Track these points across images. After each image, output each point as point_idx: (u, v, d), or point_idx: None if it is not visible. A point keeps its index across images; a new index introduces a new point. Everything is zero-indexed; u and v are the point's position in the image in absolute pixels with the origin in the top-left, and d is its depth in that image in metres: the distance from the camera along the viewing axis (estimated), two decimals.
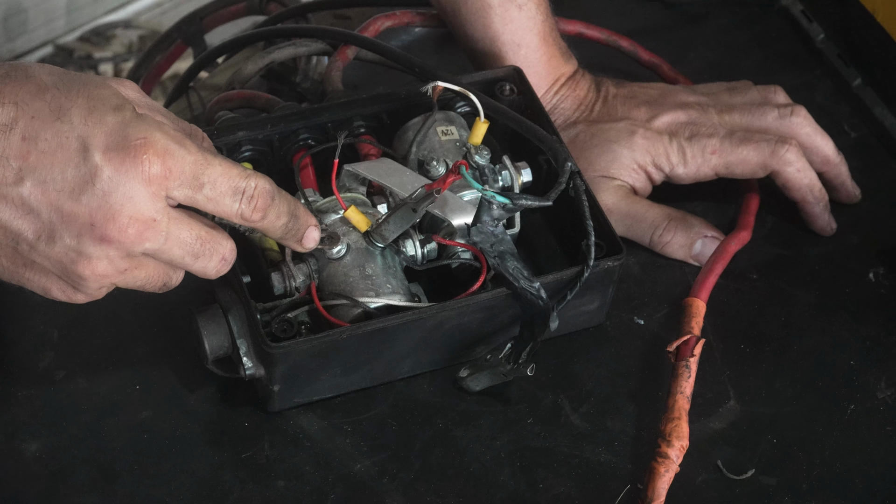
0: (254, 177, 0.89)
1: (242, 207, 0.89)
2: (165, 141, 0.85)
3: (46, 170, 0.84)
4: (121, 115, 0.85)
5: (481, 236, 0.99)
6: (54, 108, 0.84)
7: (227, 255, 0.91)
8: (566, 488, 0.99)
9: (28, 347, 1.04)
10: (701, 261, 1.12)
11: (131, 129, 0.85)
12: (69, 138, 0.84)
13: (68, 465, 0.98)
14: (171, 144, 0.85)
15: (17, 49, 2.23)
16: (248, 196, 0.89)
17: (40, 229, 0.85)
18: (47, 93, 0.85)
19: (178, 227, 0.87)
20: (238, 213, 0.89)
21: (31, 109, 0.84)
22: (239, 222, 0.90)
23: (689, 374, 1.02)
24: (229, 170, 0.88)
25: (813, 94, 1.27)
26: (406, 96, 1.09)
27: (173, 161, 0.85)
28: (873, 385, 1.06)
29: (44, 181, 0.84)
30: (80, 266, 0.86)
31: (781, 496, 0.99)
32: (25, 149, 0.84)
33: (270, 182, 0.90)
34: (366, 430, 1.01)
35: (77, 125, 0.84)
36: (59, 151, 0.84)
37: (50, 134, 0.84)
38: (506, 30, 1.15)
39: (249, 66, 1.18)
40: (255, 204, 0.89)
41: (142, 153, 0.84)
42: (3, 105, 0.84)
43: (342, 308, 0.99)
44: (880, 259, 1.14)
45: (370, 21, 1.20)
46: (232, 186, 0.88)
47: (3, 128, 0.84)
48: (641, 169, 1.13)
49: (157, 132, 0.85)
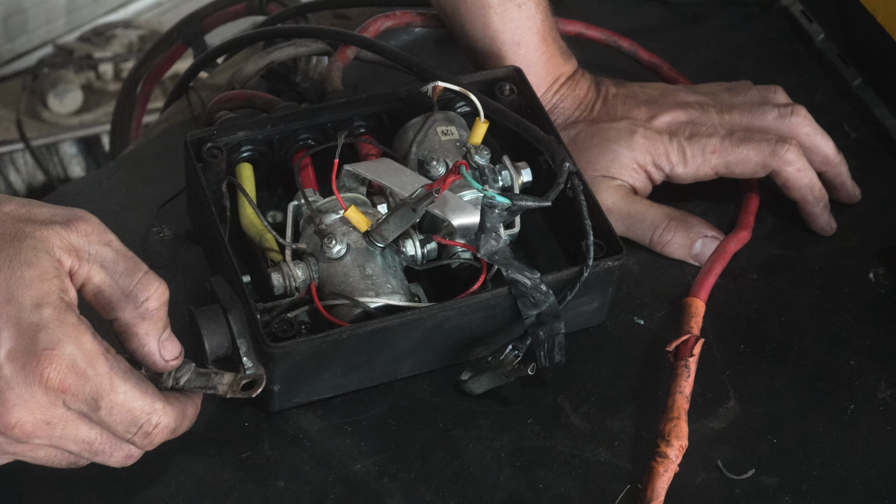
0: (158, 413, 0.87)
1: (134, 439, 0.88)
2: (74, 356, 0.83)
3: None
4: (38, 313, 0.82)
5: (490, 245, 0.99)
6: None
7: (135, 452, 0.89)
8: (566, 488, 0.99)
9: None
10: (701, 261, 1.12)
11: (43, 334, 0.82)
12: None
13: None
14: (79, 362, 0.83)
15: (17, 49, 2.23)
16: (145, 431, 0.88)
17: None
18: None
19: (76, 429, 0.86)
20: (127, 440, 0.88)
21: None
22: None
23: (689, 374, 1.02)
24: (132, 401, 0.86)
25: (813, 94, 1.27)
26: (406, 96, 1.09)
27: (75, 380, 0.83)
28: (873, 385, 1.06)
29: None
30: None
31: (781, 496, 0.99)
32: None
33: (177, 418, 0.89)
34: (366, 430, 1.01)
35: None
36: None
37: None
38: (505, 29, 1.15)
39: (249, 66, 1.18)
40: (150, 440, 0.88)
41: (44, 364, 0.82)
42: None
43: (342, 308, 0.99)
44: (880, 259, 1.14)
45: (370, 21, 1.20)
46: (130, 419, 0.86)
47: None
48: (641, 168, 1.13)
49: (70, 344, 0.83)
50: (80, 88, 2.14)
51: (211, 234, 1.02)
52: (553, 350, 1.00)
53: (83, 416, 0.86)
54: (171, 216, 1.08)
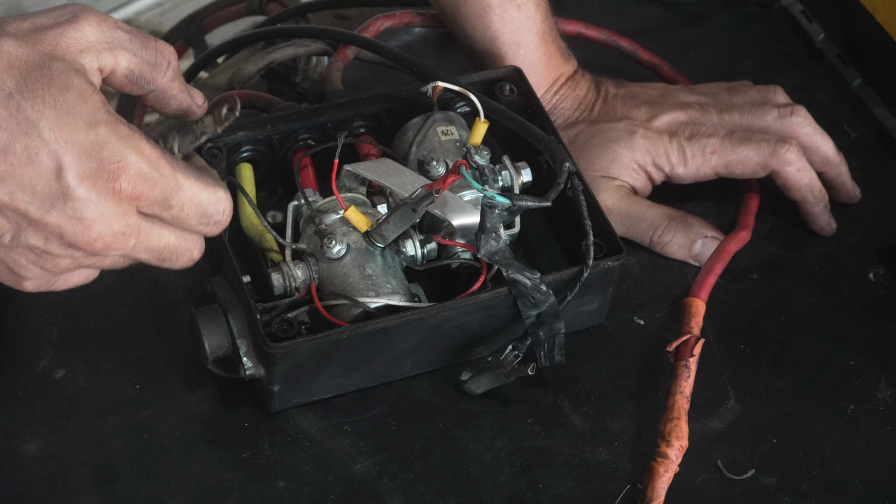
0: (223, 201, 0.89)
1: (204, 229, 0.90)
2: (139, 164, 0.84)
3: (15, 182, 0.83)
4: (94, 132, 0.83)
5: (490, 245, 0.99)
6: (21, 121, 0.82)
7: (196, 254, 0.91)
8: (566, 488, 0.99)
9: (28, 346, 1.04)
10: (701, 261, 1.12)
11: (106, 150, 0.84)
12: (40, 154, 0.82)
13: (68, 465, 0.98)
14: (145, 168, 0.85)
15: None
16: (215, 221, 0.89)
17: (4, 228, 0.84)
18: (11, 101, 0.82)
19: (148, 237, 0.87)
20: (200, 231, 0.90)
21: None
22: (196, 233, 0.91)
23: (689, 374, 1.02)
24: (199, 193, 0.88)
25: (813, 94, 1.27)
26: (406, 96, 1.09)
27: (146, 186, 0.85)
28: (873, 385, 1.06)
29: (12, 192, 0.83)
30: (43, 261, 0.86)
31: (781, 496, 0.99)
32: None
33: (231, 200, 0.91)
34: (366, 430, 1.01)
35: (48, 142, 0.82)
36: (29, 166, 0.83)
37: (19, 147, 0.82)
38: (505, 29, 1.15)
39: (249, 66, 1.18)
40: (220, 226, 0.90)
41: (116, 177, 0.84)
42: None
43: (342, 308, 0.99)
44: (880, 259, 1.14)
45: (370, 21, 1.20)
46: (200, 212, 0.88)
47: None
48: (641, 169, 1.13)
49: (133, 154, 0.84)
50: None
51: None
52: (553, 350, 1.00)
53: (156, 221, 0.87)
54: None
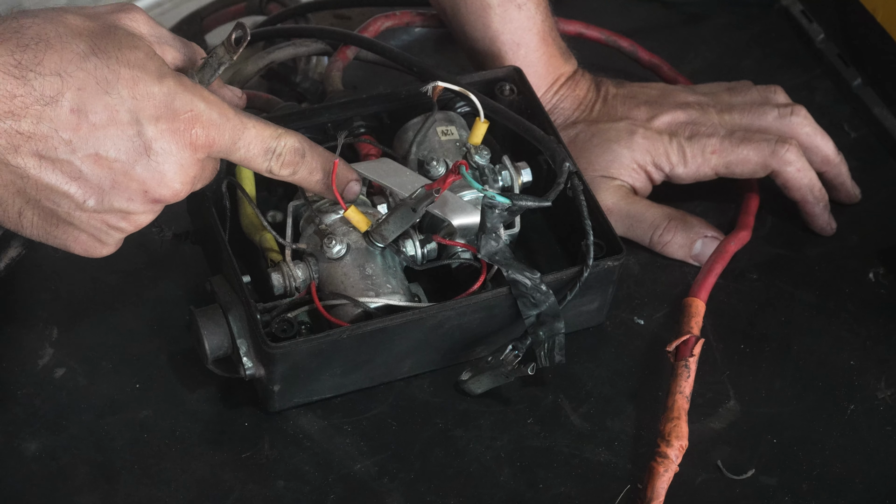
0: (284, 136, 0.94)
1: (272, 164, 0.94)
2: (209, 112, 0.89)
3: (99, 142, 0.86)
4: (165, 85, 0.87)
5: (490, 246, 0.99)
6: (100, 80, 0.86)
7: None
8: (566, 488, 0.99)
9: (28, 346, 1.04)
10: (701, 261, 1.12)
11: (178, 101, 0.88)
12: (119, 112, 0.86)
13: (68, 465, 0.98)
14: (214, 115, 0.89)
15: None
16: (278, 154, 0.94)
17: (89, 193, 0.87)
18: (87, 62, 0.86)
19: (207, 174, 0.93)
20: (268, 169, 0.94)
21: (76, 81, 0.85)
22: (270, 176, 0.95)
23: (689, 374, 1.02)
24: (262, 131, 0.93)
25: (813, 94, 1.27)
26: (406, 96, 1.09)
27: (217, 132, 0.90)
28: (873, 385, 1.06)
29: (96, 153, 0.86)
30: (123, 223, 0.90)
31: (781, 496, 0.99)
32: (75, 121, 0.85)
33: (302, 140, 0.95)
34: (366, 430, 1.01)
35: (126, 98, 0.86)
36: (110, 125, 0.86)
37: (100, 107, 0.85)
38: (505, 29, 1.15)
39: (249, 66, 1.18)
40: (283, 160, 0.94)
41: (191, 126, 0.88)
42: (46, 76, 0.85)
43: (342, 308, 0.99)
44: (880, 259, 1.14)
45: (370, 21, 1.20)
46: (263, 148, 0.93)
47: (50, 100, 0.85)
48: (641, 169, 1.13)
49: (201, 103, 0.89)
50: None
51: (211, 234, 1.02)
52: (553, 350, 1.00)
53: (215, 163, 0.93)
54: (171, 216, 1.08)
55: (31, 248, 1.07)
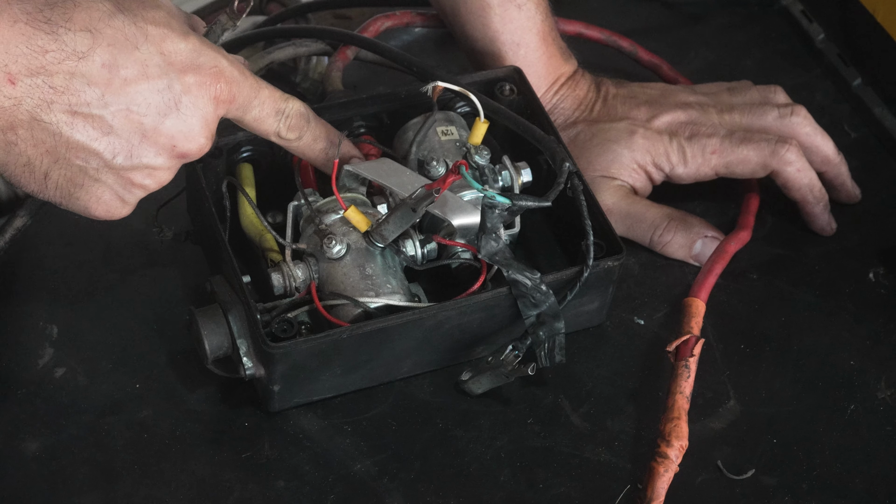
0: (291, 100, 0.97)
1: (280, 126, 0.97)
2: (231, 70, 0.92)
3: (130, 97, 0.87)
4: (189, 42, 0.90)
5: (490, 246, 0.99)
6: (130, 36, 0.87)
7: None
8: (566, 488, 0.99)
9: (28, 346, 1.04)
10: (701, 261, 1.12)
11: (203, 57, 0.90)
12: (150, 66, 0.88)
13: (68, 465, 0.98)
14: (235, 73, 0.92)
15: None
16: (287, 116, 0.97)
17: (118, 150, 0.88)
18: (115, 19, 0.87)
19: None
20: (276, 131, 0.97)
21: (106, 37, 0.86)
22: (277, 141, 0.98)
23: (689, 374, 1.02)
24: (273, 92, 0.96)
25: (813, 94, 1.27)
26: (406, 96, 1.09)
27: (237, 88, 0.92)
28: (873, 385, 1.06)
29: (128, 107, 0.87)
30: (148, 179, 0.91)
31: (781, 496, 0.99)
32: (107, 76, 0.86)
33: (307, 107, 0.98)
34: (366, 430, 1.01)
35: (155, 54, 0.88)
36: (141, 80, 0.87)
37: (130, 62, 0.87)
38: (505, 29, 1.15)
39: (249, 66, 1.17)
40: (290, 123, 0.97)
41: (216, 80, 0.90)
42: (77, 32, 0.85)
43: (342, 308, 0.99)
44: (880, 259, 1.14)
45: (370, 21, 1.20)
46: (274, 108, 0.96)
47: (82, 55, 0.85)
48: (641, 169, 1.13)
49: (223, 60, 0.91)
50: None
51: (211, 234, 1.02)
52: (553, 350, 1.00)
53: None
54: (171, 216, 1.08)
55: (36, 220, 1.06)
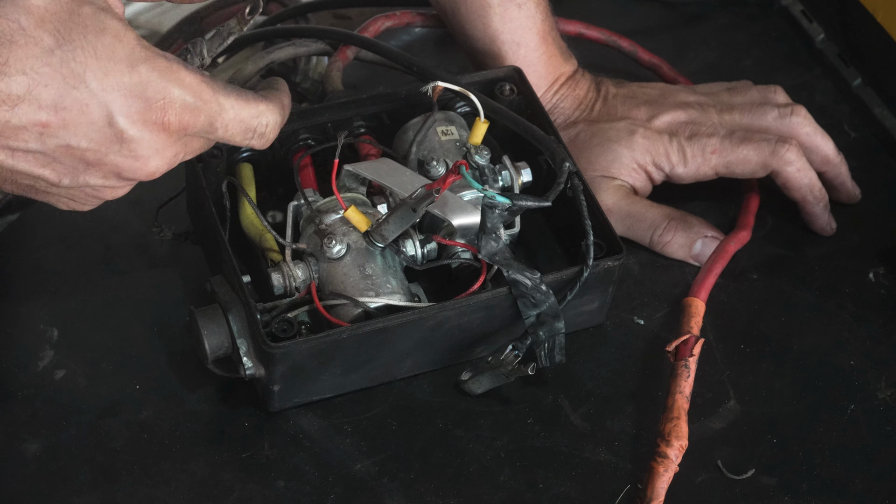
0: (265, 114, 0.92)
1: (251, 142, 0.92)
2: (183, 97, 0.87)
3: (70, 135, 0.85)
4: (136, 73, 0.85)
5: (490, 246, 0.99)
6: (67, 75, 0.84)
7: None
8: (566, 488, 0.99)
9: (28, 346, 1.04)
10: (701, 261, 1.12)
11: (150, 89, 0.86)
12: (90, 105, 0.85)
13: (68, 465, 0.98)
14: (189, 99, 0.87)
15: None
16: (260, 134, 0.92)
17: (63, 173, 0.87)
18: (53, 56, 0.84)
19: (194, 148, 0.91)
20: (246, 145, 0.93)
21: (42, 78, 0.83)
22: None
23: (689, 374, 1.02)
24: (241, 111, 0.90)
25: (813, 94, 1.27)
26: (406, 96, 1.09)
27: (191, 115, 0.88)
28: (873, 385, 1.06)
29: (68, 143, 0.85)
30: (102, 193, 0.90)
31: (781, 496, 0.99)
32: (45, 117, 0.84)
33: (281, 111, 0.94)
34: (366, 430, 1.01)
35: (96, 91, 0.84)
36: (81, 118, 0.85)
37: (69, 102, 0.84)
38: (505, 29, 1.15)
39: (249, 66, 1.18)
40: (265, 139, 0.93)
41: (164, 113, 0.86)
42: (12, 77, 0.83)
43: (342, 308, 0.99)
44: (880, 259, 1.14)
45: (370, 21, 1.20)
46: (243, 128, 0.91)
47: (18, 99, 0.83)
48: (641, 168, 1.13)
49: (175, 88, 0.87)
50: None
51: (211, 234, 1.02)
52: (553, 350, 1.00)
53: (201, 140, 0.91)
54: (171, 216, 1.08)
55: (36, 221, 1.06)
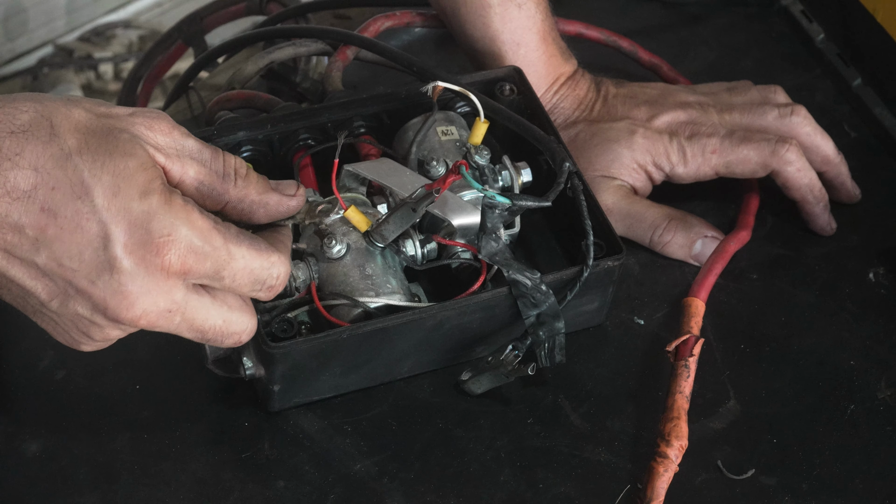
0: (276, 265, 0.88)
1: (259, 294, 0.89)
2: (190, 238, 0.83)
3: (63, 248, 0.81)
4: (147, 202, 0.82)
5: (490, 246, 0.99)
6: (76, 183, 0.81)
7: (245, 337, 0.90)
8: (566, 488, 0.99)
9: (28, 347, 1.04)
10: (701, 261, 1.12)
11: (156, 223, 0.82)
12: (90, 221, 0.81)
13: (68, 465, 0.98)
14: (195, 241, 0.83)
15: (17, 49, 2.23)
16: (269, 286, 0.88)
17: (53, 293, 0.83)
18: (69, 161, 0.81)
19: (193, 316, 0.86)
20: (253, 296, 0.89)
21: (51, 179, 0.81)
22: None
23: (689, 374, 1.02)
24: (252, 262, 0.87)
25: (813, 94, 1.27)
26: (406, 96, 1.09)
27: (195, 259, 0.84)
28: (873, 385, 1.06)
29: (59, 258, 0.82)
30: (91, 331, 0.85)
31: (781, 496, 0.99)
32: (44, 221, 0.81)
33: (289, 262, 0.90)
34: (366, 430, 1.01)
35: (99, 208, 0.81)
36: (77, 232, 0.81)
37: (70, 212, 0.81)
38: (505, 29, 1.15)
39: (249, 66, 1.18)
40: (273, 292, 0.89)
41: (164, 252, 0.82)
42: (22, 169, 0.81)
43: (342, 308, 0.99)
44: (880, 259, 1.14)
45: (370, 21, 1.20)
46: (251, 279, 0.87)
47: (22, 195, 0.81)
48: (641, 168, 1.13)
49: (183, 227, 0.83)
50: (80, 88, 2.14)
51: None
52: (553, 350, 1.00)
53: (205, 296, 0.86)
54: None
55: None
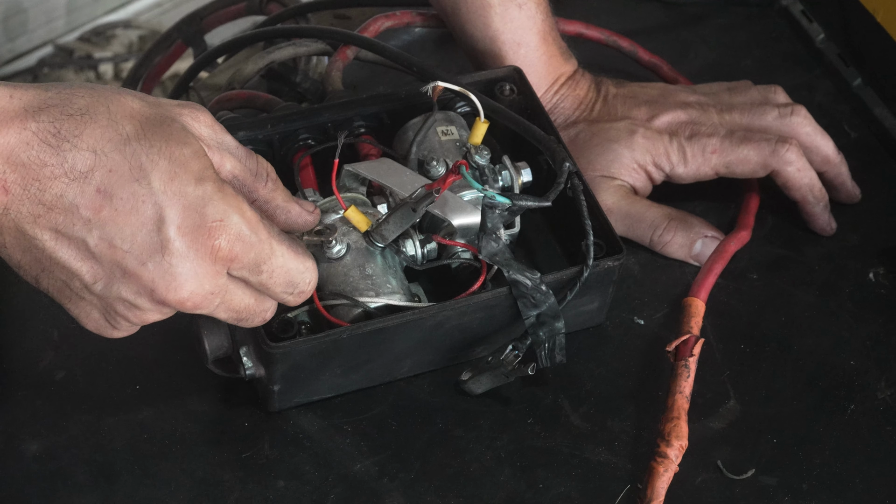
0: (310, 271, 0.91)
1: (289, 298, 0.91)
2: (240, 226, 0.85)
3: (116, 229, 0.83)
4: (202, 188, 0.84)
5: (490, 246, 0.99)
6: (134, 167, 0.82)
7: (268, 315, 0.92)
8: (566, 488, 0.99)
9: (28, 347, 1.04)
10: (701, 261, 1.12)
11: (210, 207, 0.84)
12: (145, 203, 0.83)
13: (68, 465, 0.98)
14: (245, 230, 0.85)
15: (17, 49, 2.23)
16: (300, 291, 0.91)
17: (98, 276, 0.84)
18: (128, 146, 0.83)
19: (231, 298, 0.88)
20: (282, 299, 0.91)
21: (109, 161, 0.82)
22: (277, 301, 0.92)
23: (689, 374, 1.02)
24: (289, 261, 0.89)
25: (813, 94, 1.27)
26: (406, 96, 1.09)
27: (242, 248, 0.86)
28: (873, 385, 1.06)
29: (111, 238, 0.83)
30: (130, 314, 0.87)
31: (781, 496, 0.99)
32: (99, 202, 0.82)
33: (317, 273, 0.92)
34: (366, 430, 1.01)
35: (156, 191, 0.83)
36: (132, 214, 0.83)
37: (126, 194, 0.82)
38: (505, 29, 1.15)
39: (249, 66, 1.18)
40: (301, 297, 0.92)
41: (216, 235, 0.84)
42: (81, 150, 0.82)
43: (342, 308, 0.99)
44: (880, 259, 1.14)
45: (370, 21, 1.20)
46: (287, 280, 0.89)
47: (79, 175, 0.82)
48: (641, 168, 1.13)
49: (235, 214, 0.85)
50: None
51: None
52: (553, 350, 1.00)
53: (242, 284, 0.88)
54: None
55: None
